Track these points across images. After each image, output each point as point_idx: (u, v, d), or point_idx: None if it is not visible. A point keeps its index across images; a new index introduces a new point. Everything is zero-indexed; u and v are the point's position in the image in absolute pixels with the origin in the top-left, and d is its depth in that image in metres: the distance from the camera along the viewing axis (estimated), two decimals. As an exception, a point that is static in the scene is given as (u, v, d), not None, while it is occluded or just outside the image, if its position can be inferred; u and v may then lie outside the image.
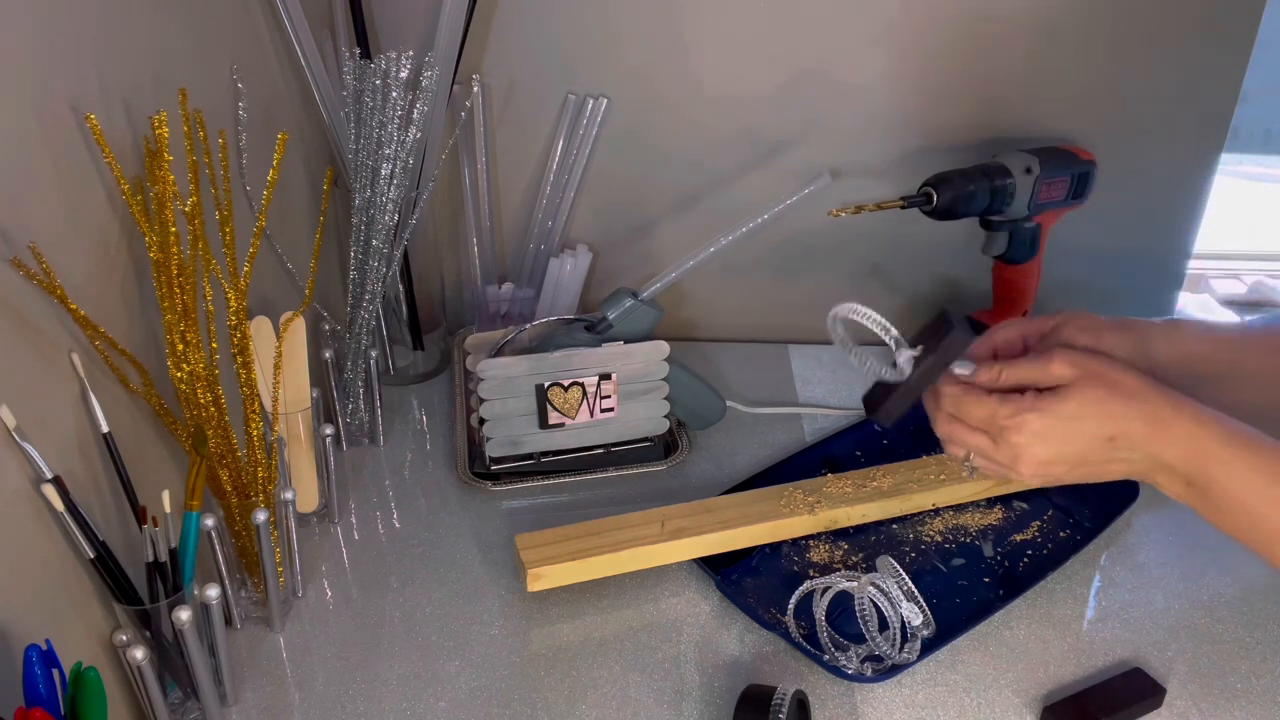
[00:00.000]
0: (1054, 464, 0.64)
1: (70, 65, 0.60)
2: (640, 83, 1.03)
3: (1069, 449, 0.63)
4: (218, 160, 0.69)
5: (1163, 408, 0.61)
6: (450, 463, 0.93)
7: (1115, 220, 1.09)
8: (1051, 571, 0.80)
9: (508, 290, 1.08)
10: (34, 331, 0.57)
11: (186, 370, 0.66)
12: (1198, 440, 0.61)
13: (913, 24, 0.99)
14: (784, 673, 0.73)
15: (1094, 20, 0.99)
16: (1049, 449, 0.63)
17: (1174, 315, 1.17)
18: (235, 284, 0.70)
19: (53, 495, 0.56)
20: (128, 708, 0.65)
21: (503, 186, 1.09)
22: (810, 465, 0.93)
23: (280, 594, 0.75)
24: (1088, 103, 1.04)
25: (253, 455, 0.73)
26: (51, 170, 0.58)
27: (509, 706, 0.70)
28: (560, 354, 0.88)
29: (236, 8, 0.83)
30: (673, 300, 1.13)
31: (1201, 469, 0.61)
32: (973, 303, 1.11)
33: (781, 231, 1.06)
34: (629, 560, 0.78)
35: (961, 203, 0.90)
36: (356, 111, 0.87)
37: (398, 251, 0.94)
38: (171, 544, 0.63)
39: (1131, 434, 0.62)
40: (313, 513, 0.86)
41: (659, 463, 0.93)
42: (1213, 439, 0.61)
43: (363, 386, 0.96)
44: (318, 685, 0.71)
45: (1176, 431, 0.61)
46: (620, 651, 0.74)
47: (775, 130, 1.05)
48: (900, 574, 0.73)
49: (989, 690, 0.72)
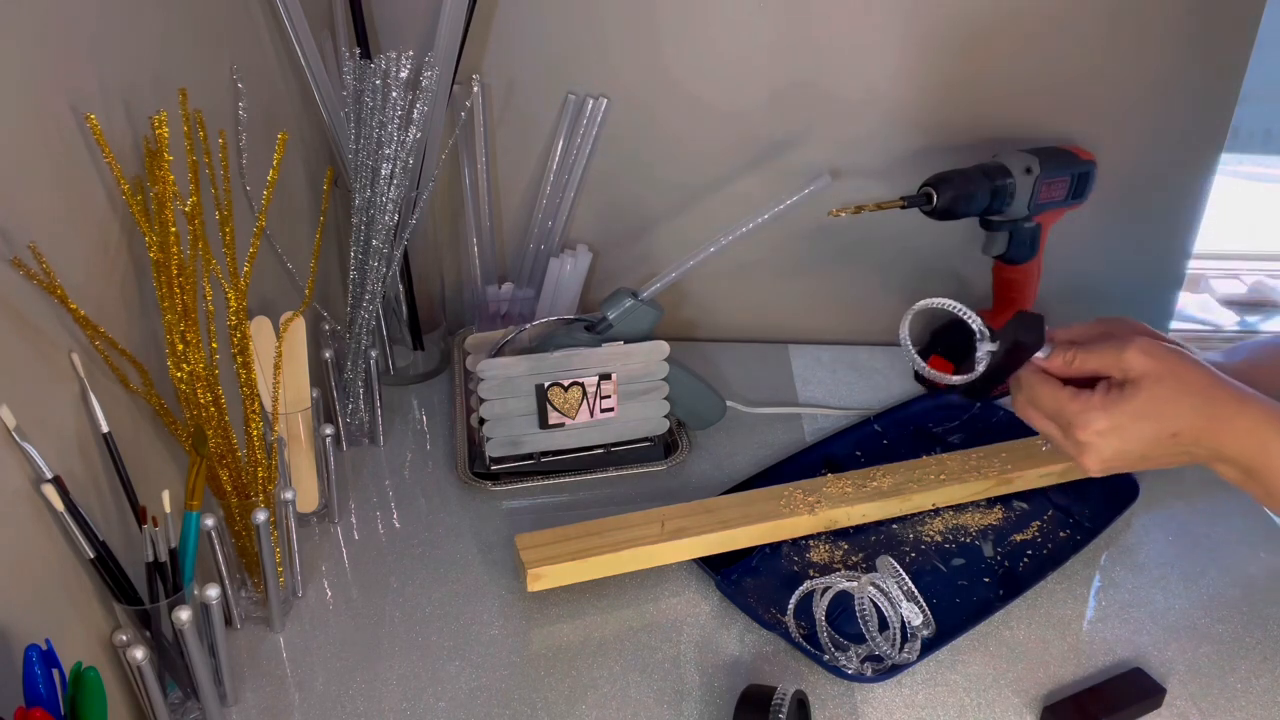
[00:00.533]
0: (1118, 459, 0.66)
1: (70, 65, 0.60)
2: (641, 83, 1.03)
3: (1133, 446, 0.65)
4: (218, 160, 0.69)
5: (1227, 404, 0.63)
6: (450, 463, 0.93)
7: (1115, 220, 1.09)
8: (1051, 571, 0.80)
9: (508, 290, 1.08)
10: (34, 331, 0.57)
11: (186, 370, 0.66)
12: (1260, 434, 0.62)
13: (913, 24, 1.00)
14: (784, 673, 0.73)
15: (1094, 20, 0.99)
16: (1113, 446, 0.65)
17: (1173, 315, 1.17)
18: (235, 284, 0.70)
19: (53, 495, 0.56)
20: (128, 708, 0.65)
21: (503, 186, 1.09)
22: (810, 465, 0.93)
23: (280, 594, 0.75)
24: (1088, 103, 1.04)
25: (253, 455, 0.73)
26: (51, 170, 0.58)
27: (509, 706, 0.70)
28: (560, 354, 0.88)
29: (236, 8, 0.83)
30: (673, 300, 1.13)
31: (1263, 461, 0.62)
32: (973, 303, 1.11)
33: (781, 231, 1.06)
34: (629, 560, 0.78)
35: (961, 203, 0.90)
36: (356, 111, 0.87)
37: (398, 251, 0.94)
38: (171, 544, 0.63)
39: (1194, 430, 0.63)
40: (313, 513, 0.86)
41: (659, 463, 0.93)
42: (1275, 431, 0.62)
43: (363, 386, 0.96)
44: (318, 685, 0.71)
45: (1239, 425, 0.63)
46: (620, 651, 0.74)
47: (775, 130, 1.05)
48: (900, 574, 0.73)
49: (989, 690, 0.72)
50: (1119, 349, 0.64)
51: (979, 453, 0.90)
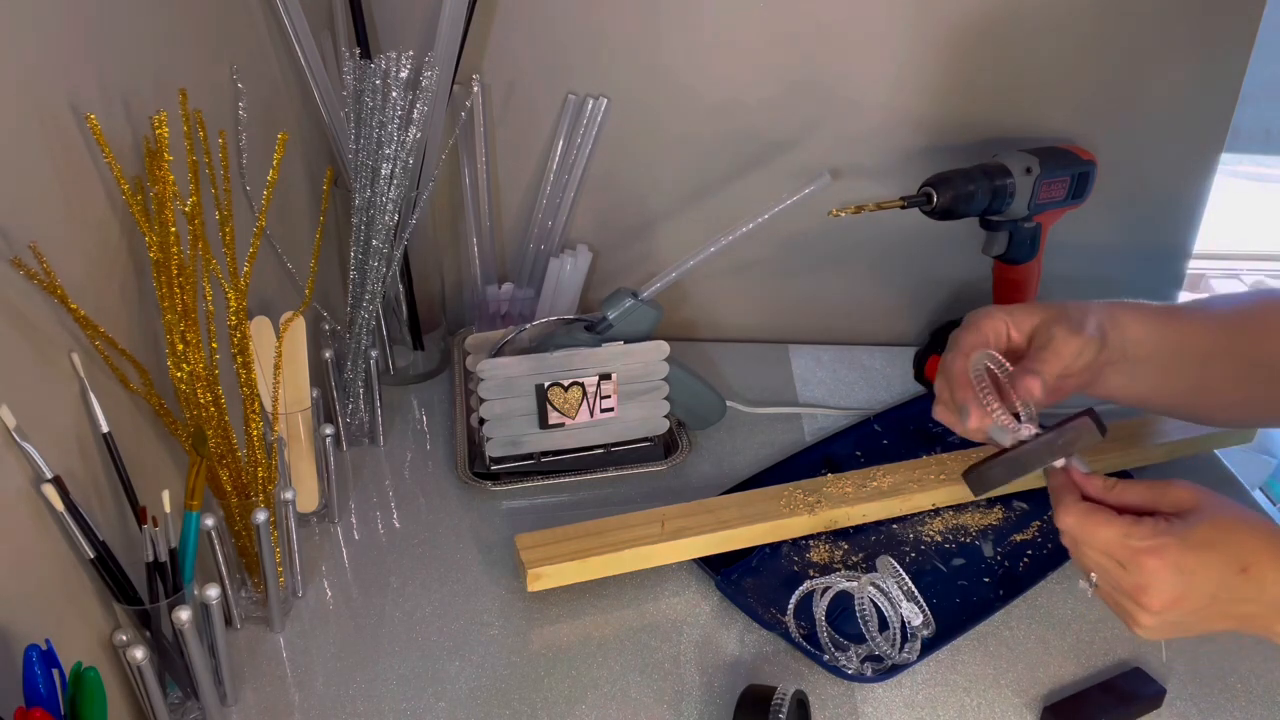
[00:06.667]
0: (1183, 601, 0.57)
1: (70, 65, 0.60)
2: (640, 83, 1.03)
3: (1200, 583, 0.56)
4: (218, 160, 0.69)
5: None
6: (450, 463, 0.93)
7: (1115, 220, 1.09)
8: (1051, 571, 0.80)
9: (508, 290, 1.08)
10: (34, 331, 0.57)
11: (186, 370, 0.67)
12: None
13: (913, 24, 1.00)
14: (784, 673, 0.73)
15: (1094, 20, 0.99)
16: (1182, 582, 0.56)
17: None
18: (235, 284, 0.70)
19: (53, 495, 0.56)
20: (128, 708, 0.65)
21: (503, 186, 1.09)
22: (810, 465, 0.93)
23: (280, 594, 0.75)
24: (1088, 103, 1.04)
25: (253, 455, 0.73)
26: (51, 170, 0.58)
27: (509, 706, 0.70)
28: (560, 354, 0.88)
29: (236, 8, 0.83)
30: (673, 300, 1.13)
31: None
32: (973, 302, 1.11)
33: (781, 231, 1.06)
34: (629, 560, 0.78)
35: (961, 203, 0.90)
36: (356, 111, 0.87)
37: (398, 251, 0.93)
38: (171, 544, 0.63)
39: (1263, 565, 0.56)
40: (313, 513, 0.86)
41: (659, 463, 0.93)
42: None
43: (363, 386, 0.96)
44: (318, 685, 0.71)
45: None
46: (620, 651, 0.74)
47: (775, 130, 1.05)
48: (900, 574, 0.73)
49: (989, 690, 0.72)
50: (1162, 483, 0.59)
51: (979, 453, 0.90)
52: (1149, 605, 0.57)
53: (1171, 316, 0.70)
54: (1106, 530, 0.58)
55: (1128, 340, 0.68)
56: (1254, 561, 0.56)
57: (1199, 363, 0.69)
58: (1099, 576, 0.60)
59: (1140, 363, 0.68)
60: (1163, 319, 0.69)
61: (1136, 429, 0.94)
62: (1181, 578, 0.56)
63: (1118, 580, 0.58)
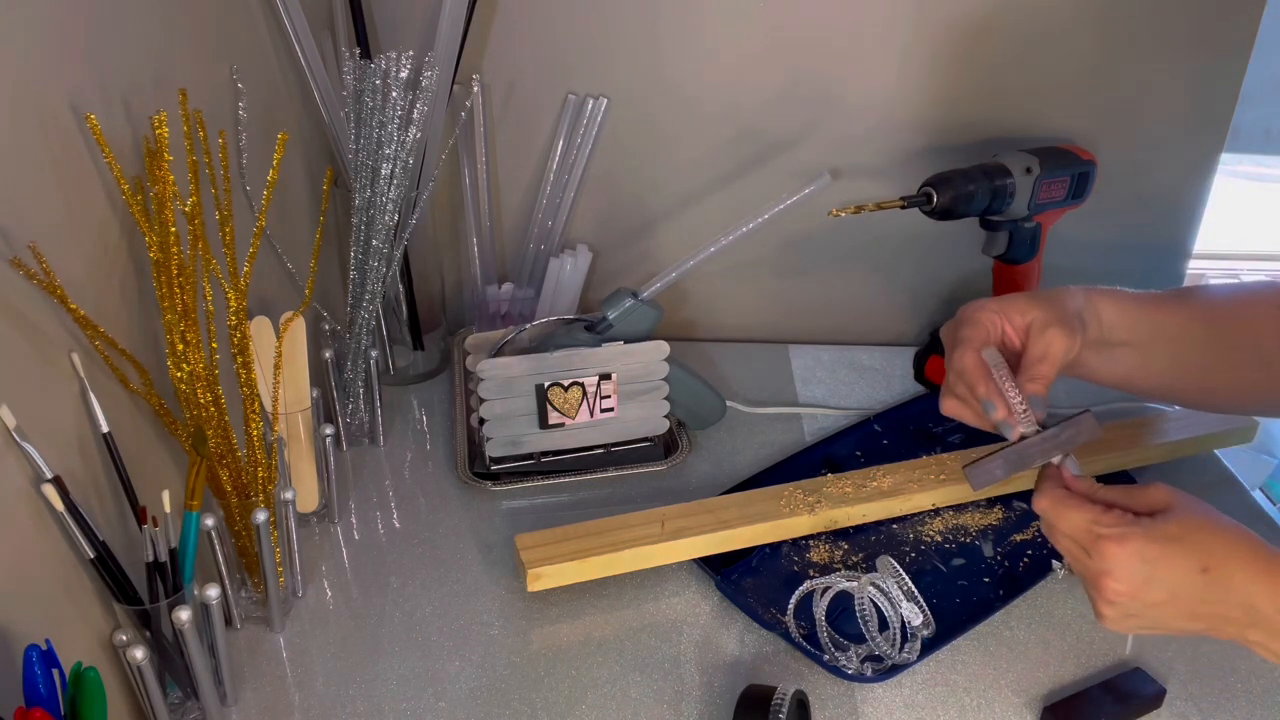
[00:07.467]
0: (1142, 592, 0.58)
1: (70, 65, 0.60)
2: (640, 83, 1.03)
3: (1161, 575, 0.57)
4: (218, 160, 0.69)
5: (1260, 548, 0.57)
6: (450, 463, 0.93)
7: (1115, 220, 1.09)
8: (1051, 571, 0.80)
9: (508, 290, 1.08)
10: (34, 331, 0.57)
11: (186, 370, 0.67)
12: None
13: (913, 24, 1.00)
14: (784, 673, 0.73)
15: (1094, 21, 0.99)
16: (1144, 571, 0.57)
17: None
18: (235, 284, 0.70)
19: (53, 495, 0.56)
20: (128, 708, 0.65)
21: (503, 186, 1.09)
22: (810, 465, 0.93)
23: (280, 594, 0.75)
24: (1088, 103, 1.04)
25: (253, 455, 0.73)
26: (51, 170, 0.58)
27: (509, 706, 0.70)
28: (560, 354, 0.88)
29: (236, 8, 0.83)
30: (673, 300, 1.13)
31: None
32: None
33: (781, 231, 1.06)
34: (629, 560, 0.78)
35: (961, 203, 0.90)
36: (356, 111, 0.87)
37: (398, 251, 0.94)
38: (171, 544, 0.63)
39: (1227, 568, 0.56)
40: (313, 513, 0.86)
41: (659, 463, 0.93)
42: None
43: (363, 386, 0.96)
44: (318, 685, 0.71)
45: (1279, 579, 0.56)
46: (620, 651, 0.74)
47: (775, 130, 1.05)
48: (900, 574, 0.73)
49: (989, 690, 0.72)
50: (1142, 486, 0.60)
51: (979, 452, 0.90)
52: (1107, 592, 0.58)
53: (1149, 301, 0.72)
54: (1076, 515, 0.59)
55: (1104, 324, 0.70)
56: (1216, 563, 0.57)
57: (1175, 346, 0.71)
58: (1068, 560, 0.62)
59: (1117, 346, 0.70)
60: (1139, 303, 0.71)
61: (1136, 429, 0.94)
62: (1144, 567, 0.57)
63: (1084, 566, 0.60)
